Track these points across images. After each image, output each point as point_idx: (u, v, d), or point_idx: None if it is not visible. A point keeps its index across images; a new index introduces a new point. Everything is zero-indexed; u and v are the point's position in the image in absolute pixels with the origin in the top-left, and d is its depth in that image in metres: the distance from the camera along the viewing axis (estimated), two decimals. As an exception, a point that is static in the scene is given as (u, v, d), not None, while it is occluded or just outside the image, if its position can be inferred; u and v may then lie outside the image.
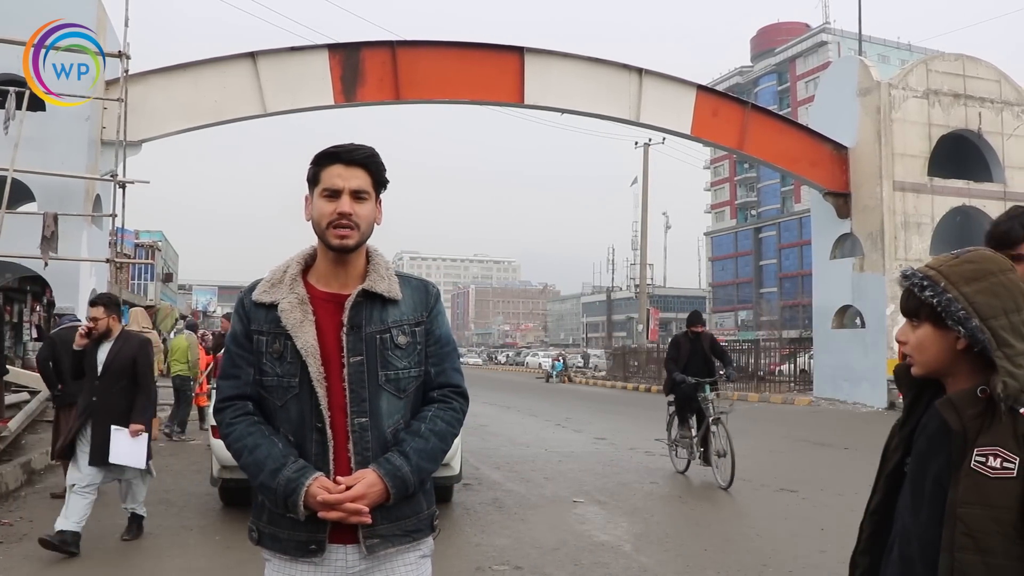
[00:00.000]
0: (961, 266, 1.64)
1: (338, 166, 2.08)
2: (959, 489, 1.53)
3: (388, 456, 2.05)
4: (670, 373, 9.86)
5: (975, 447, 1.53)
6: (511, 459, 11.29)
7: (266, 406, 2.12)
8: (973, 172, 22.10)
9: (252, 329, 2.12)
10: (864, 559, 1.83)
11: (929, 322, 1.65)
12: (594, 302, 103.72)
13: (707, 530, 7.19)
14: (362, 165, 2.10)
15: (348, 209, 2.05)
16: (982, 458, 1.52)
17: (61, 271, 14.24)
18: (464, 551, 6.31)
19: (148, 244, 37.62)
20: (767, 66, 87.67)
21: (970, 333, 1.58)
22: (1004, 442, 1.52)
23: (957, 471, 1.55)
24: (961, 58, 22.23)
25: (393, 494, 2.02)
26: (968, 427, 1.55)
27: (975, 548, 1.50)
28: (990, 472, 1.51)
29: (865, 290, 20.90)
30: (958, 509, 1.52)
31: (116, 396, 6.17)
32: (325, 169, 2.09)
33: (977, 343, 1.57)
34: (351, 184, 2.07)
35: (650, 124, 20.54)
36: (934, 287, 1.63)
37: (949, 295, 1.60)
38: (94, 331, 6.16)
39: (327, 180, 2.08)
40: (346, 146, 2.12)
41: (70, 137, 14.76)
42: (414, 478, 2.05)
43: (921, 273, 1.67)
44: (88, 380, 6.22)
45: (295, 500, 1.98)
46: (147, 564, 5.93)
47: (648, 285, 44.50)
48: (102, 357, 6.22)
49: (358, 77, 17.63)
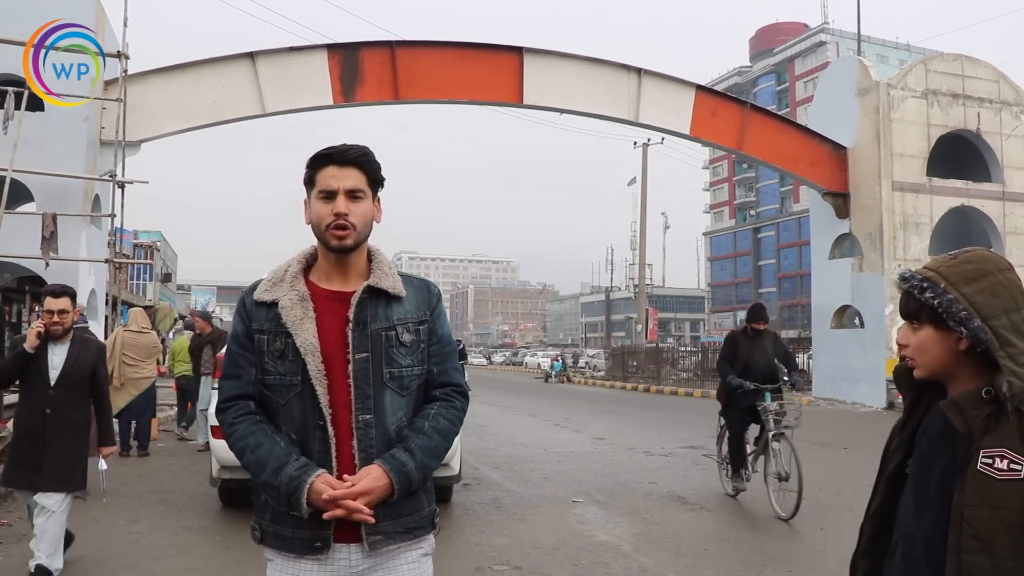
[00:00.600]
0: (960, 266, 1.63)
1: (331, 167, 2.09)
2: (965, 491, 1.52)
3: (393, 452, 2.06)
4: (724, 376, 8.36)
5: (981, 448, 1.52)
6: (510, 459, 11.29)
7: (269, 405, 2.12)
8: (972, 172, 22.12)
9: (253, 328, 2.12)
10: (865, 561, 1.82)
11: (930, 324, 1.64)
12: (593, 302, 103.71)
13: (706, 530, 7.19)
14: (355, 164, 2.10)
15: (344, 209, 2.06)
16: (988, 459, 1.51)
17: (60, 271, 14.19)
18: (463, 551, 6.31)
19: (147, 244, 37.60)
20: (766, 66, 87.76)
21: (972, 334, 1.57)
22: (1011, 443, 1.51)
23: (963, 473, 1.53)
24: (960, 58, 22.24)
25: (398, 490, 2.03)
26: (973, 428, 1.54)
27: (982, 550, 1.48)
28: (997, 474, 1.50)
29: (864, 290, 20.91)
30: (965, 511, 1.51)
31: (73, 411, 5.23)
32: (319, 171, 2.10)
33: (980, 344, 1.56)
34: (345, 184, 2.08)
35: (649, 124, 20.55)
36: (934, 288, 1.62)
37: (950, 296, 1.59)
38: (58, 328, 5.14)
39: (322, 182, 2.09)
40: (338, 147, 2.12)
41: (69, 137, 14.75)
42: (418, 474, 2.06)
43: (920, 275, 1.66)
44: (38, 389, 5.15)
45: (298, 497, 1.98)
46: (146, 564, 5.92)
47: (647, 285, 44.52)
48: (57, 362, 5.17)
49: (357, 77, 17.64)
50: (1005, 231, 21.70)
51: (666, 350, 35.15)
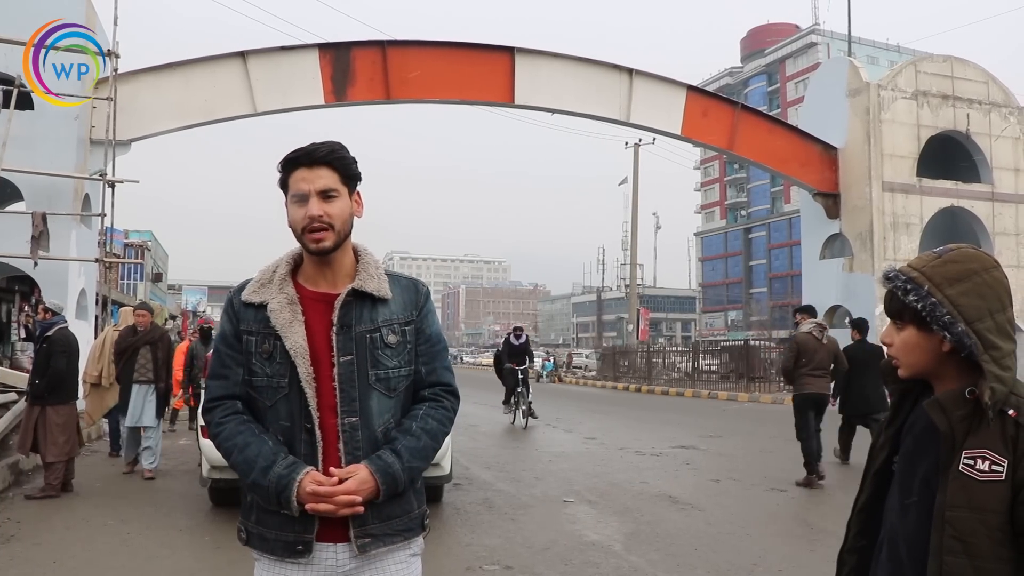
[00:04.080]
0: (945, 267, 1.61)
1: (301, 170, 2.06)
2: (947, 492, 1.52)
3: (380, 453, 2.04)
4: None
5: (963, 449, 1.52)
6: (501, 459, 11.28)
7: (255, 406, 2.11)
8: (961, 173, 22.23)
9: (241, 329, 2.11)
10: (851, 557, 1.82)
11: (913, 325, 1.63)
12: (584, 302, 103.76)
13: (697, 529, 7.20)
14: (326, 163, 2.06)
15: (317, 211, 2.03)
16: (970, 461, 1.51)
17: (50, 271, 14.16)
18: (454, 551, 6.30)
19: (137, 244, 37.50)
20: (757, 67, 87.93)
21: (956, 338, 1.55)
22: (992, 444, 1.50)
23: (945, 473, 1.53)
24: (949, 59, 22.34)
25: (383, 491, 2.01)
26: (956, 428, 1.53)
27: (963, 552, 1.48)
28: (978, 475, 1.49)
29: (854, 290, 20.98)
30: (946, 512, 1.51)
31: None
32: (290, 175, 2.07)
33: (963, 348, 1.55)
34: (316, 185, 2.04)
35: (640, 124, 20.60)
36: (918, 290, 1.60)
37: (934, 299, 1.57)
38: None
39: (293, 186, 2.06)
40: (306, 148, 2.08)
41: (59, 136, 14.69)
42: (404, 476, 2.05)
43: (904, 275, 1.64)
44: None
45: (288, 496, 1.97)
46: (136, 564, 5.90)
47: (638, 285, 44.56)
48: None
49: (348, 77, 17.63)
50: (994, 231, 21.81)
51: (657, 352, 35.15)
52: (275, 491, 1.98)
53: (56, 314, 8.53)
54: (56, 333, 8.26)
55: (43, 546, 6.26)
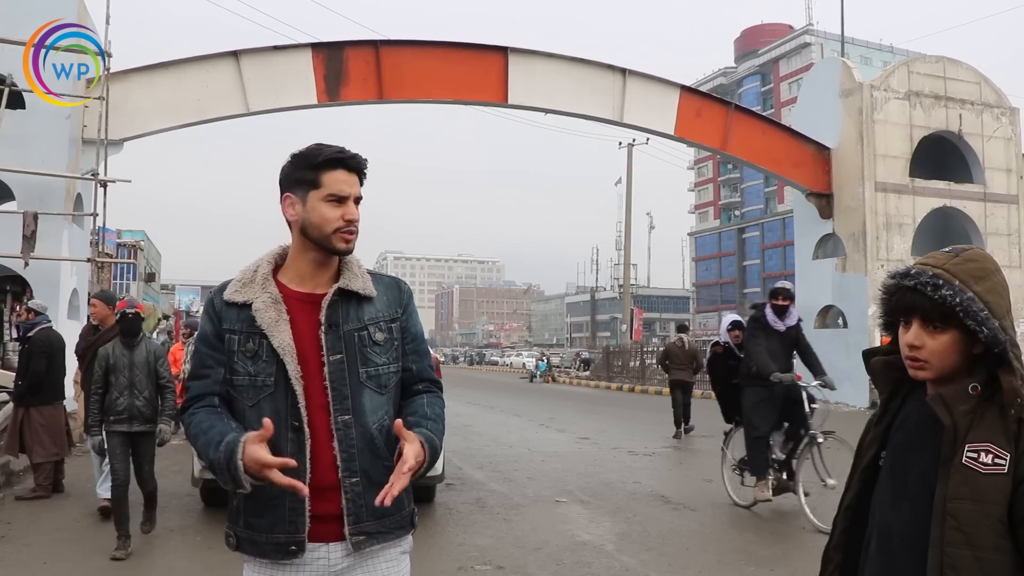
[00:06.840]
0: (966, 264, 1.60)
1: (342, 171, 2.09)
2: (949, 484, 1.53)
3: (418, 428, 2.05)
4: None
5: (966, 443, 1.54)
6: (494, 459, 11.28)
7: (234, 407, 2.10)
8: (954, 173, 22.27)
9: (224, 328, 2.10)
10: (838, 554, 1.83)
11: (954, 326, 1.58)
12: (578, 302, 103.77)
13: (689, 529, 7.21)
14: (359, 172, 2.13)
15: (358, 216, 2.11)
16: (974, 454, 1.52)
17: (41, 271, 14.09)
18: (446, 551, 6.30)
19: (130, 243, 37.30)
20: (751, 67, 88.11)
21: (992, 334, 1.54)
22: (995, 438, 1.53)
23: (947, 466, 1.54)
24: (942, 60, 22.40)
25: (428, 462, 2.02)
26: (959, 423, 1.55)
27: (966, 543, 1.50)
28: (981, 468, 1.51)
29: (847, 290, 21.02)
30: (948, 504, 1.52)
31: None
32: (328, 173, 2.08)
33: (998, 344, 1.54)
34: (356, 191, 2.12)
35: (634, 124, 20.59)
36: (950, 286, 1.57)
37: (968, 295, 1.56)
38: None
39: (333, 185, 2.08)
40: (348, 152, 2.12)
41: (50, 135, 14.60)
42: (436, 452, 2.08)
43: (930, 271, 1.60)
44: None
45: (235, 463, 1.88)
46: (127, 565, 5.88)
47: (632, 285, 44.63)
48: None
49: (341, 76, 17.58)
50: (986, 232, 21.88)
51: (650, 352, 35.17)
52: (225, 464, 1.90)
53: (39, 314, 8.43)
54: (37, 334, 8.17)
55: (33, 547, 6.24)
